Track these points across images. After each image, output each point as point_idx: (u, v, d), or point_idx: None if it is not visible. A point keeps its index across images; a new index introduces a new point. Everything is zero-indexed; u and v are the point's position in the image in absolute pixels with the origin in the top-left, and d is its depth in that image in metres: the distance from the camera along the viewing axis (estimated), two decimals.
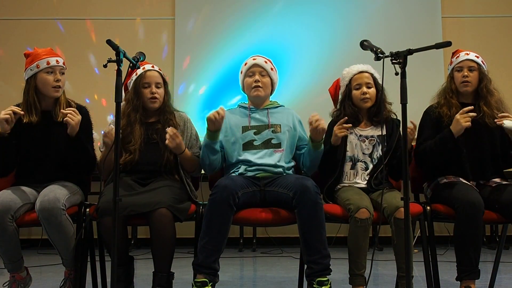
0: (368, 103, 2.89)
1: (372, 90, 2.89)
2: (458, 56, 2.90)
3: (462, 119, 2.67)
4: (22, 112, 2.63)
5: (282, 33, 5.22)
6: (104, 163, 2.69)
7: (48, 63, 2.72)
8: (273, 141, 2.86)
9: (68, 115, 2.62)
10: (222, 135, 2.87)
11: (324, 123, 2.71)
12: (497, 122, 2.72)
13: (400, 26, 5.22)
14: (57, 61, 2.75)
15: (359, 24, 5.19)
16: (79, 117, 2.65)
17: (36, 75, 2.73)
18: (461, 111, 2.70)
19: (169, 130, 2.68)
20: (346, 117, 2.79)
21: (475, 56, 2.88)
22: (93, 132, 2.91)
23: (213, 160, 2.82)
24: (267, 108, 2.95)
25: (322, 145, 2.79)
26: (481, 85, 2.86)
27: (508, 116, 2.71)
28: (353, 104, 2.92)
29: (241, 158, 2.83)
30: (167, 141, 2.68)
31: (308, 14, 5.25)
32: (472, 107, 2.71)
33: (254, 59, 2.94)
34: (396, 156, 2.80)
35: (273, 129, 2.89)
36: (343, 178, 2.89)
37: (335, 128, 2.75)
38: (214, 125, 2.71)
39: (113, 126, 2.57)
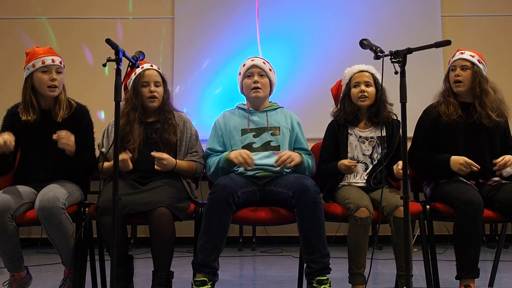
0: (365, 101, 2.88)
1: (371, 89, 2.89)
2: (454, 56, 2.91)
3: (462, 169, 2.68)
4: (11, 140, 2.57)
5: (281, 32, 5.21)
6: (102, 169, 2.70)
7: (43, 62, 2.71)
8: (272, 144, 2.87)
9: (62, 141, 2.59)
10: (223, 138, 2.90)
11: (290, 160, 2.71)
12: (497, 173, 2.73)
13: (400, 25, 5.22)
14: (52, 60, 2.74)
15: (359, 23, 5.18)
16: (72, 137, 2.62)
17: (33, 74, 2.73)
18: (467, 163, 2.68)
19: (154, 154, 2.68)
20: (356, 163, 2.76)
21: (470, 55, 2.85)
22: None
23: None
24: (266, 111, 2.95)
25: (303, 164, 2.80)
26: (473, 84, 2.83)
27: (507, 162, 2.69)
28: (352, 103, 2.92)
29: None
30: (156, 167, 2.69)
31: (307, 13, 5.24)
32: (478, 167, 2.69)
33: (252, 60, 2.94)
34: (397, 159, 2.80)
35: (272, 131, 2.89)
36: (343, 178, 2.89)
37: (345, 164, 2.72)
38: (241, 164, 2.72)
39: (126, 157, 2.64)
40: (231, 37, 5.22)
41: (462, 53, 2.87)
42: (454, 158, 2.73)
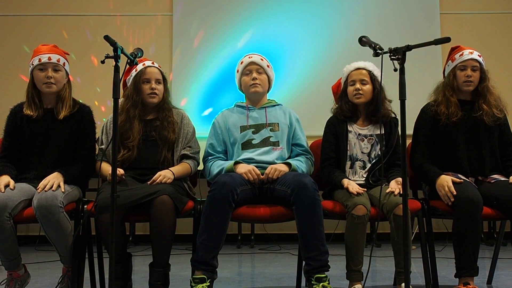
0: (361, 99, 2.88)
1: (367, 87, 2.88)
2: (462, 54, 2.88)
3: (442, 191, 2.66)
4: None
5: (280, 30, 5.20)
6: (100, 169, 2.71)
7: (39, 60, 2.74)
8: (271, 139, 2.87)
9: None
10: (222, 137, 2.91)
11: (277, 174, 2.71)
12: None
13: (399, 23, 5.21)
14: (49, 58, 2.74)
15: (357, 20, 5.18)
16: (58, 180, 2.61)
17: (33, 72, 2.77)
18: (447, 190, 2.64)
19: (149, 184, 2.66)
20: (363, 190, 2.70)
21: (478, 55, 2.87)
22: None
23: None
24: (264, 107, 2.95)
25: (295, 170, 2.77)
26: (483, 85, 2.85)
27: None
28: (348, 100, 2.93)
29: (240, 158, 2.83)
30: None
31: (305, 11, 5.23)
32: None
33: (250, 57, 2.94)
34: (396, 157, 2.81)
35: (271, 127, 2.89)
36: None
37: (352, 190, 2.66)
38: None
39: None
40: (229, 34, 5.20)
41: (471, 53, 2.86)
42: (441, 178, 2.70)
